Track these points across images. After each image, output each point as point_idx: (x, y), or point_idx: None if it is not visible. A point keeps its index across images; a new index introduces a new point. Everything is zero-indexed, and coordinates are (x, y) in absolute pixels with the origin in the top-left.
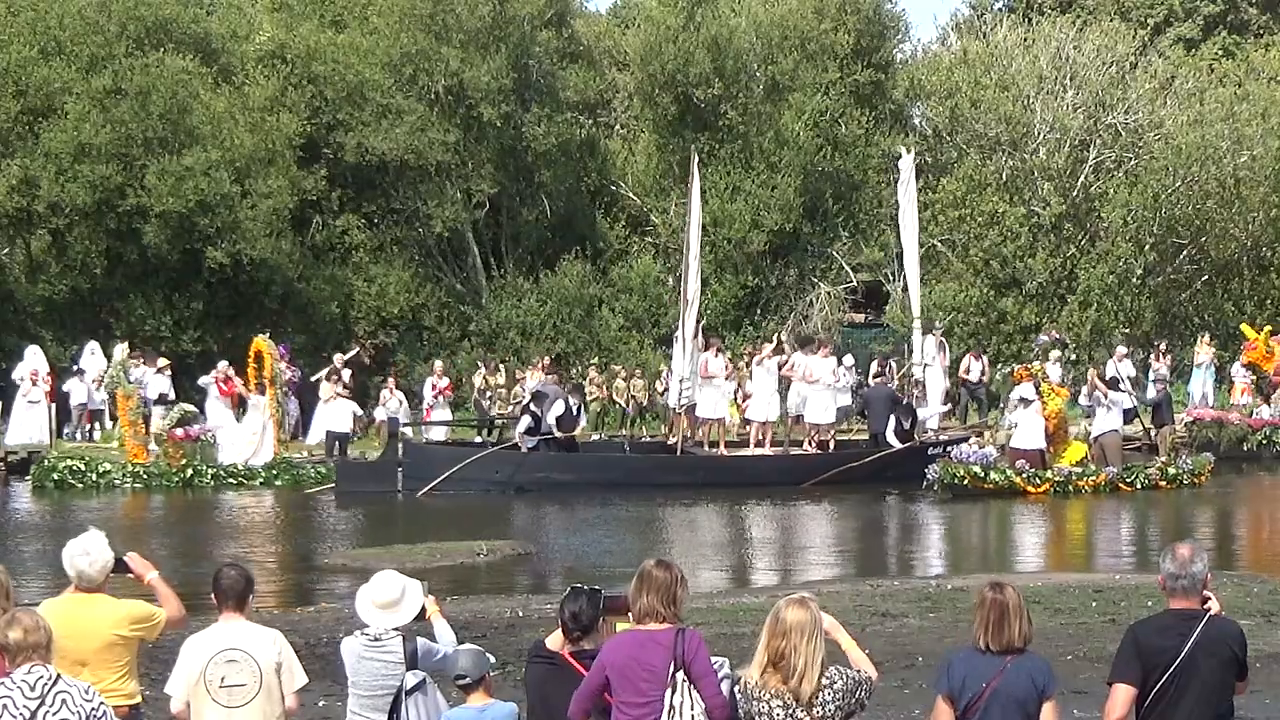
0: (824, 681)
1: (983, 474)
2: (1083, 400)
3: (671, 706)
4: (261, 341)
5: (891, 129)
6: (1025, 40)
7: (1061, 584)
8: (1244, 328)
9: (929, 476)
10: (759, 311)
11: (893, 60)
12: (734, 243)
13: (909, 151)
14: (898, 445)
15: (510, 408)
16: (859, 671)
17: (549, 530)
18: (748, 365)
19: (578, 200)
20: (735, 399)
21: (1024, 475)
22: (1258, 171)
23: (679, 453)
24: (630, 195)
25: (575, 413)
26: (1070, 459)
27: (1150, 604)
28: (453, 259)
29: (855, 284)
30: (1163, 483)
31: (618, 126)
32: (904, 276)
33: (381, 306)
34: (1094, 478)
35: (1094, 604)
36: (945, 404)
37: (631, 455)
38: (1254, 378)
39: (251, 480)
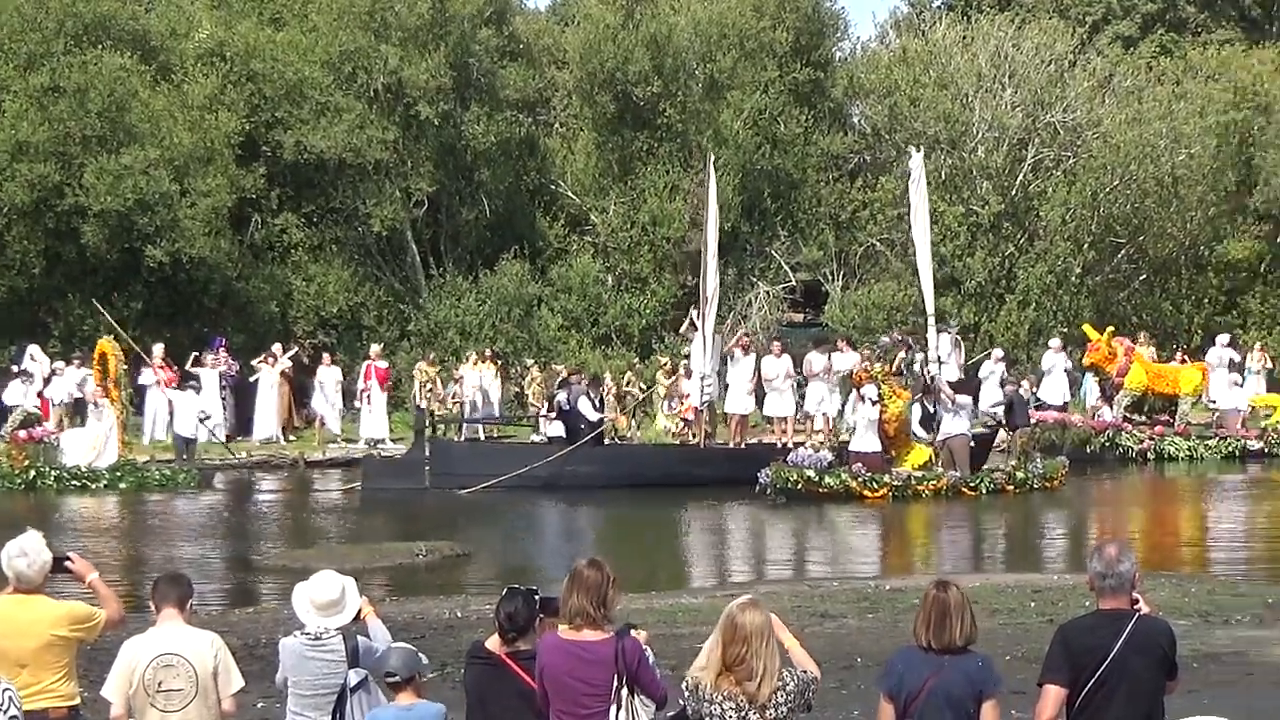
0: (778, 684)
1: (817, 478)
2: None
3: None
4: (106, 344)
5: (830, 127)
6: (964, 38)
7: (1000, 584)
8: (1086, 328)
9: (761, 480)
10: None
11: (832, 58)
12: (673, 242)
13: (919, 150)
14: (925, 436)
15: (450, 406)
16: (806, 672)
17: (492, 531)
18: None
19: (517, 199)
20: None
21: (860, 479)
22: (1195, 170)
23: (702, 448)
24: (569, 194)
25: (599, 406)
26: (913, 462)
27: (1088, 604)
28: (392, 258)
29: (794, 283)
30: (1010, 487)
31: (557, 125)
32: (919, 273)
33: (320, 306)
34: (934, 482)
35: (1032, 604)
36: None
37: (656, 450)
38: (1098, 379)
39: (96, 482)
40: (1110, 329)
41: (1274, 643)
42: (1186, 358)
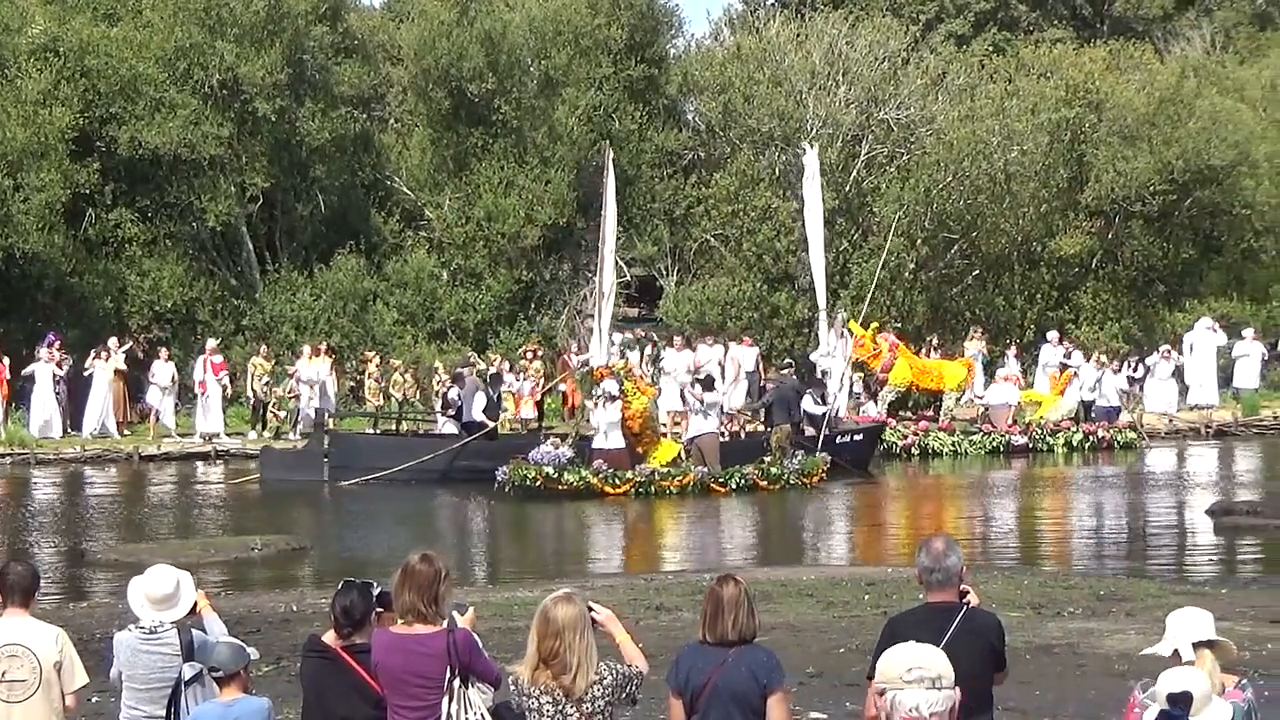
0: (594, 677)
1: (556, 475)
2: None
3: (449, 715)
4: None
5: (665, 124)
6: (798, 36)
7: (834, 576)
8: (852, 325)
9: (499, 477)
10: (533, 306)
11: (666, 55)
12: (508, 237)
13: (813, 148)
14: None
15: (285, 398)
16: (629, 666)
17: (328, 524)
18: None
19: (352, 194)
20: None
21: (601, 475)
22: (1027, 167)
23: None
24: (405, 190)
25: (497, 401)
26: (661, 459)
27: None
28: (227, 253)
29: (629, 279)
30: (763, 482)
31: (392, 121)
32: (810, 268)
33: (155, 300)
34: (680, 478)
35: (866, 596)
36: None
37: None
38: (863, 375)
39: None
40: (875, 325)
41: (1105, 634)
42: (1021, 353)
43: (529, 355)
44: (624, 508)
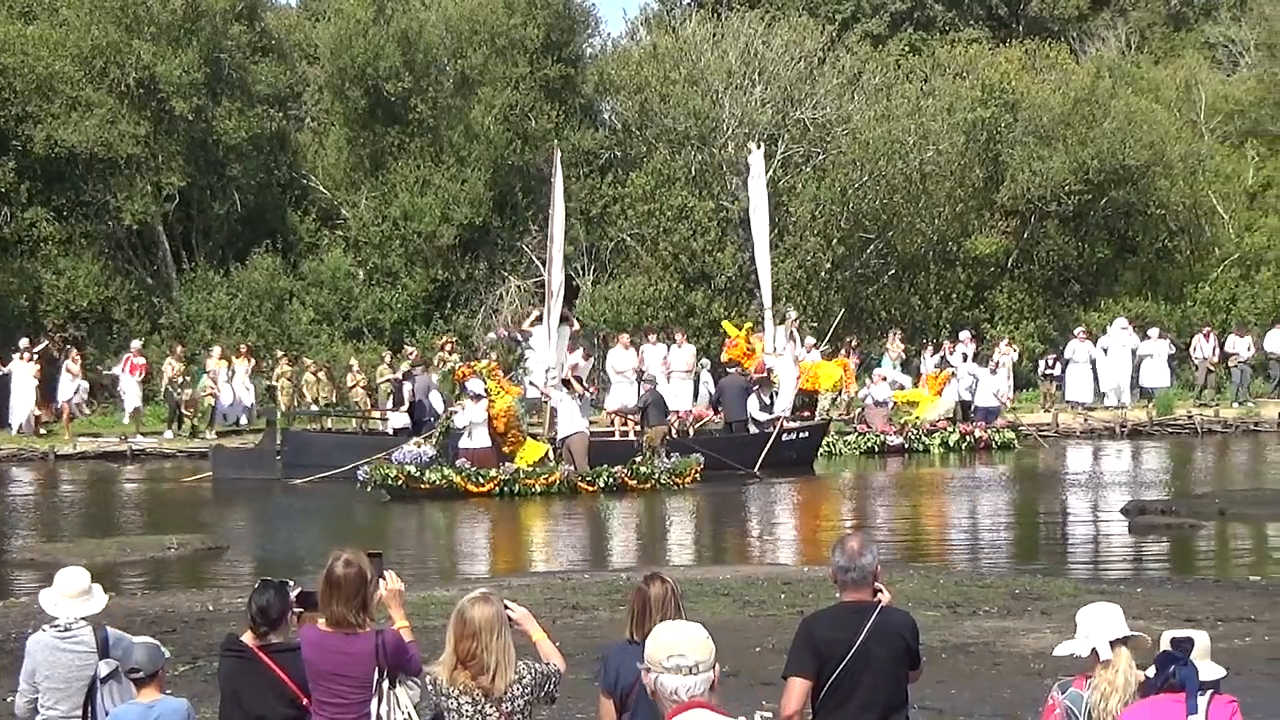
0: (513, 677)
1: (418, 474)
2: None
3: (378, 717)
4: None
5: (581, 123)
6: (714, 35)
7: (750, 576)
8: (725, 325)
9: (360, 476)
10: (449, 305)
11: (582, 55)
12: (424, 236)
13: (759, 148)
14: (764, 419)
15: (201, 398)
16: (547, 664)
17: (244, 523)
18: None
19: (268, 193)
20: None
21: (465, 474)
22: (943, 166)
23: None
24: (321, 189)
25: (448, 399)
26: (528, 458)
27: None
28: (143, 252)
29: (545, 278)
30: (632, 481)
31: (308, 120)
32: (755, 270)
33: (71, 299)
34: (546, 477)
35: (783, 596)
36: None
37: None
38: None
39: None
40: (749, 325)
41: (1020, 633)
42: (943, 352)
43: (446, 348)
44: (486, 508)
